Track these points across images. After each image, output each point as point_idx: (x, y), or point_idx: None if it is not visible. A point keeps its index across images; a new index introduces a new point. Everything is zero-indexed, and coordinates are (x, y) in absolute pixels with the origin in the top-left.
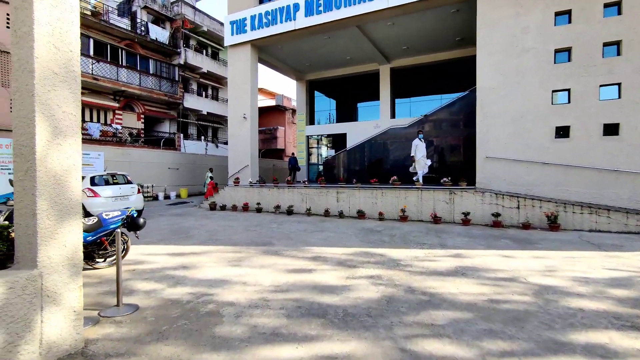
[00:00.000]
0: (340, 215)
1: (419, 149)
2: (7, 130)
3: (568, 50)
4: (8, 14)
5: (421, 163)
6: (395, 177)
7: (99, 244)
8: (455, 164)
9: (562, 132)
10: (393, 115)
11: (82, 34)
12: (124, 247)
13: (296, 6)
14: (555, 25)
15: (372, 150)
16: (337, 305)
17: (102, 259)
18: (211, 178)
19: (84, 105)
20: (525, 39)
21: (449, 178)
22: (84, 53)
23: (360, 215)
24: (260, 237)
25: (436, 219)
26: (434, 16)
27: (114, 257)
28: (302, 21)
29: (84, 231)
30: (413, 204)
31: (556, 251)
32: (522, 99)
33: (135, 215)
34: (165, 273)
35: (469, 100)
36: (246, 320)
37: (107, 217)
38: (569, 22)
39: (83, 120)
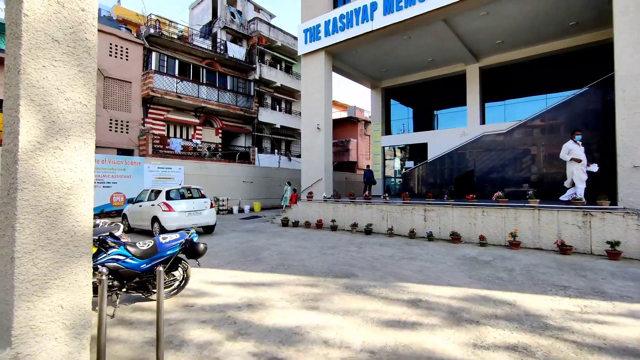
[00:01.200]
0: (430, 237)
1: (573, 154)
2: (106, 147)
3: None
4: (111, 43)
5: (579, 174)
6: (499, 192)
7: (154, 273)
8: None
9: None
10: (483, 121)
11: (169, 57)
12: (184, 275)
13: (374, 5)
14: None
15: (460, 161)
16: None
17: None
18: (294, 190)
19: (169, 123)
20: None
21: (580, 195)
22: (170, 73)
23: (455, 238)
24: (338, 264)
25: (563, 248)
26: None
27: (173, 287)
28: (380, 21)
29: (138, 258)
30: (527, 227)
31: None
32: None
33: (195, 238)
34: (226, 314)
35: (590, 96)
36: None
37: (163, 242)
38: None
39: (167, 136)
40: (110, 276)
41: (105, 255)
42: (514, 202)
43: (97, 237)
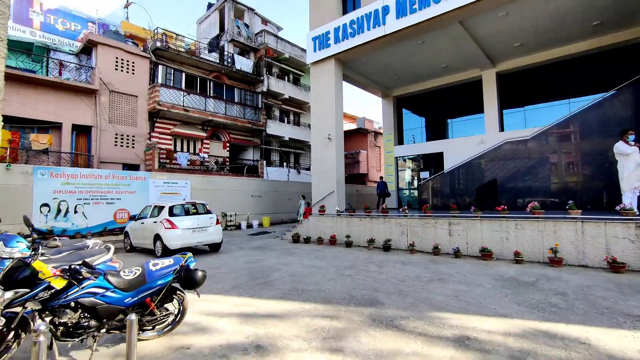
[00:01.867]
0: (456, 254)
1: (626, 156)
2: (111, 163)
3: None
4: (117, 57)
5: (631, 180)
6: (535, 203)
7: (143, 307)
8: (611, 184)
9: None
10: (502, 128)
11: (175, 70)
12: (179, 308)
13: (385, 9)
14: None
15: (481, 170)
16: None
17: (150, 327)
18: (308, 204)
19: (176, 137)
20: None
21: (629, 204)
22: (177, 87)
23: (485, 254)
24: (359, 288)
25: (615, 266)
26: None
27: (166, 323)
28: (392, 25)
29: (122, 290)
30: (569, 242)
31: None
32: None
33: (192, 264)
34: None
35: (621, 99)
36: None
37: (154, 269)
38: None
39: (174, 151)
40: (85, 314)
41: (77, 289)
42: (553, 215)
43: (67, 267)
